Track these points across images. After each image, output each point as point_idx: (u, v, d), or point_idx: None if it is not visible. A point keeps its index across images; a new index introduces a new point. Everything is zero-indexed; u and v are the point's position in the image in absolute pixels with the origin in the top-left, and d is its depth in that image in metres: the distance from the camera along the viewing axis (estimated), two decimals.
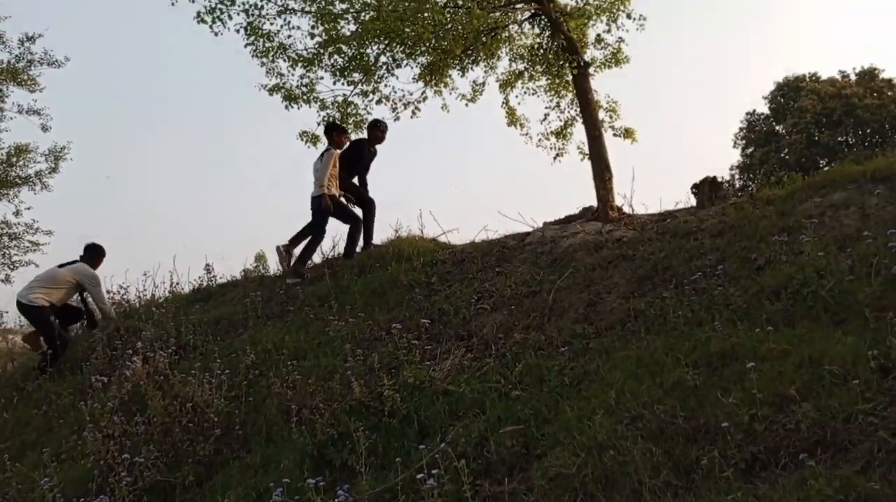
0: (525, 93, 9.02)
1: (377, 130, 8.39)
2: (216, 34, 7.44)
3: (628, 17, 7.64)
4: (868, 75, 31.60)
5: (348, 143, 8.19)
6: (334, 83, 8.20)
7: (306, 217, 7.86)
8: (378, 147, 8.37)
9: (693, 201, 7.28)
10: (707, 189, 6.88)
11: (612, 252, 6.11)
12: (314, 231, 7.81)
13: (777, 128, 32.32)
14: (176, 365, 5.94)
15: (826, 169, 6.14)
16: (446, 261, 7.02)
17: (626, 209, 7.52)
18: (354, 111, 8.48)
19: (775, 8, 60.79)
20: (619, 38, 7.81)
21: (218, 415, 4.99)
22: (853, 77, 31.59)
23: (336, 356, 5.43)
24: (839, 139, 30.77)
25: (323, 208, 7.59)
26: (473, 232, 8.16)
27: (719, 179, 6.94)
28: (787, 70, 45.67)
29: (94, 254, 7.74)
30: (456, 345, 5.34)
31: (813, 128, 30.28)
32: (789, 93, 31.81)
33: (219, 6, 7.29)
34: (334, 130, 7.98)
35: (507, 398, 4.39)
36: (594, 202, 7.74)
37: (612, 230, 6.70)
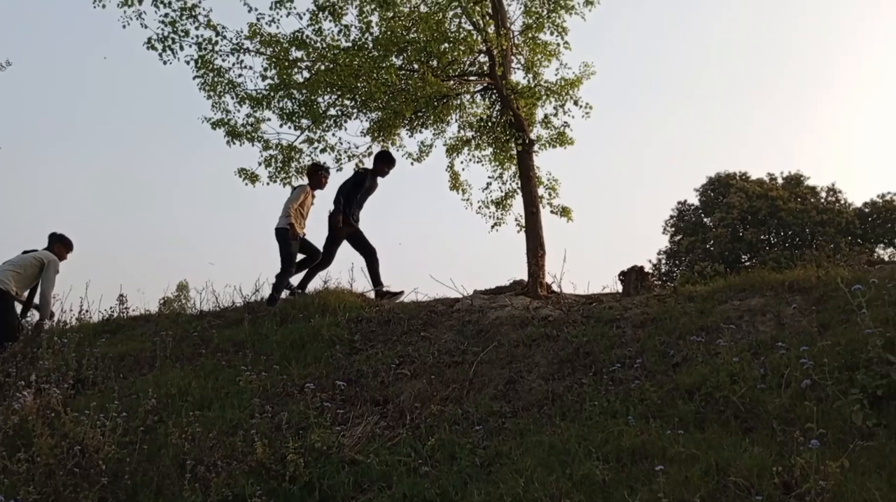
0: (470, 160, 9.13)
1: (384, 164, 8.25)
2: (165, 62, 7.30)
3: (575, 103, 7.90)
4: (794, 181, 33.51)
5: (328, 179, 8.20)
6: (281, 125, 8.12)
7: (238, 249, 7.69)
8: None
9: (620, 287, 7.43)
10: (634, 278, 7.03)
11: (536, 330, 6.13)
12: (285, 261, 7.73)
13: (705, 219, 33.69)
14: (71, 400, 5.57)
15: (748, 271, 6.34)
16: (372, 320, 6.91)
17: (556, 287, 7.60)
18: (298, 156, 8.38)
19: (716, 106, 64.28)
20: (565, 122, 8.04)
21: (107, 462, 4.66)
22: (780, 180, 33.41)
23: (243, 410, 5.19)
24: (762, 237, 32.30)
25: (289, 238, 7.61)
26: (405, 290, 8.08)
27: (646, 269, 7.10)
28: (720, 166, 47.98)
29: (59, 241, 7.55)
30: (370, 411, 5.21)
31: (738, 224, 31.70)
32: (719, 188, 33.35)
33: (171, 35, 7.17)
34: (320, 170, 8.04)
35: (416, 474, 4.26)
36: (525, 276, 7.80)
37: (539, 307, 6.74)
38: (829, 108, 58.30)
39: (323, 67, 6.92)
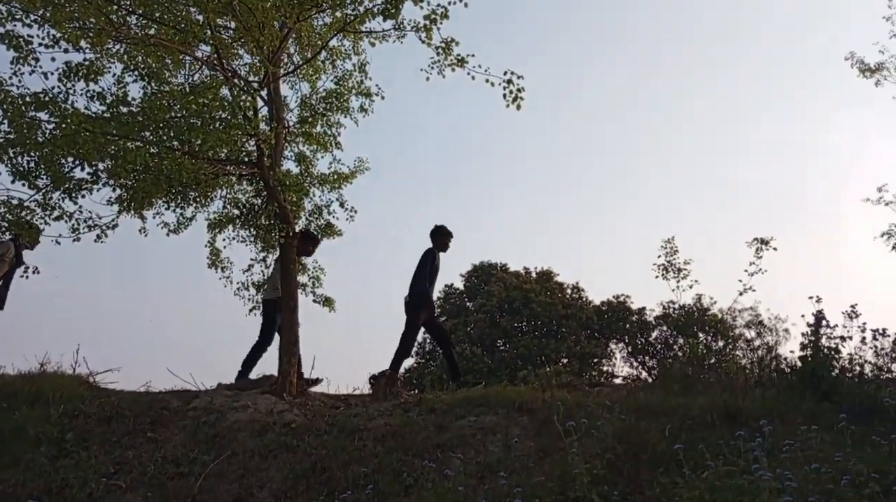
0: (234, 239, 8.76)
1: (445, 237, 8.14)
2: None
3: (341, 205, 7.99)
4: (545, 276, 36.69)
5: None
6: (13, 182, 7.18)
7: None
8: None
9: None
10: (384, 383, 7.08)
11: (276, 438, 5.87)
12: (263, 337, 7.79)
13: (468, 304, 35.50)
14: None
15: (485, 388, 6.66)
16: (91, 416, 6.19)
17: (307, 386, 7.41)
18: (28, 217, 7.43)
19: (483, 199, 69.06)
20: (328, 221, 8.05)
21: None
22: (534, 274, 36.40)
23: None
24: (516, 325, 34.72)
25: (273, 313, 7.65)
26: (141, 378, 7.39)
27: (396, 375, 7.18)
28: (485, 255, 51.27)
29: None
30: None
31: (496, 311, 33.81)
32: (483, 275, 35.52)
33: None
34: (307, 239, 7.93)
35: None
36: (276, 371, 7.51)
37: (283, 411, 6.49)
38: (581, 213, 65.33)
39: (59, 133, 6.27)
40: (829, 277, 44.19)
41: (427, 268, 7.94)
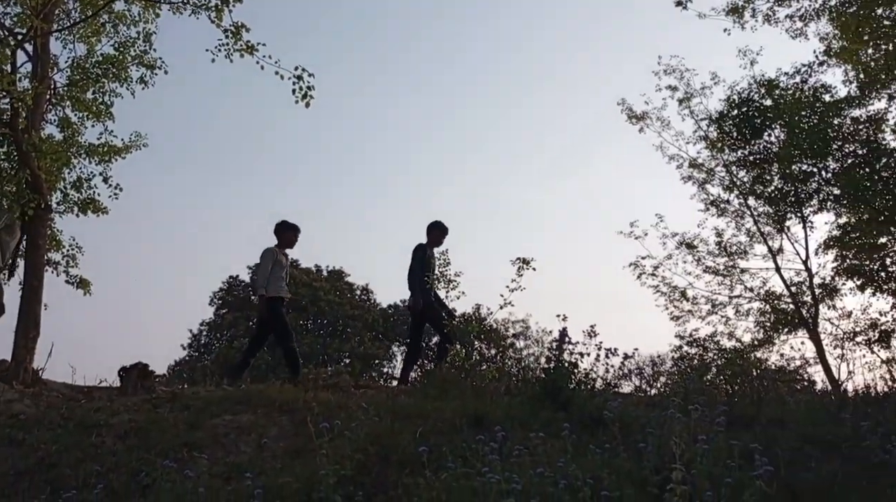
0: None
1: (440, 233, 8.08)
2: None
3: (105, 181, 7.38)
4: (336, 275, 36.61)
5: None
6: None
7: None
8: None
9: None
10: (135, 376, 6.61)
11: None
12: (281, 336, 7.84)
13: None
14: None
15: (249, 386, 6.49)
16: None
17: (47, 375, 6.72)
18: None
19: (280, 189, 67.50)
20: (90, 195, 7.39)
21: None
22: (325, 273, 36.16)
23: None
24: (301, 322, 34.23)
25: (272, 312, 7.51)
26: None
27: (150, 368, 6.74)
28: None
29: None
30: None
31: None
32: None
33: None
34: (289, 228, 7.75)
35: None
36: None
37: (13, 401, 5.82)
38: (378, 216, 66.13)
39: None
40: (591, 298, 48.87)
41: (418, 264, 7.88)
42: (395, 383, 8.88)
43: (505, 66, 72.19)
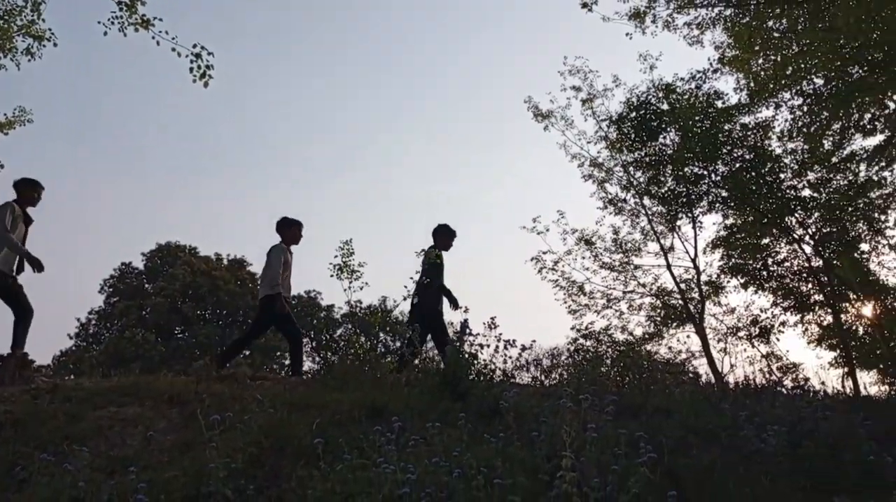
0: None
1: (449, 236, 8.06)
2: None
3: None
4: (238, 264, 35.60)
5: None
6: None
7: None
8: None
9: None
10: (13, 365, 6.20)
11: None
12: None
13: (147, 286, 33.02)
14: None
15: (137, 375, 6.23)
16: None
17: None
18: None
19: (177, 178, 64.95)
20: None
21: None
22: (226, 261, 35.10)
23: None
24: (199, 312, 33.11)
25: (276, 311, 7.25)
26: None
27: (29, 357, 6.35)
28: (173, 236, 48.10)
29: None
30: None
31: (179, 296, 31.92)
32: (167, 257, 33.31)
33: None
34: (292, 224, 7.63)
35: None
36: None
37: None
38: (282, 206, 64.68)
39: None
40: (499, 291, 49.74)
41: (434, 268, 7.79)
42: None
43: (408, 57, 72.18)
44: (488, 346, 6.27)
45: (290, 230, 7.72)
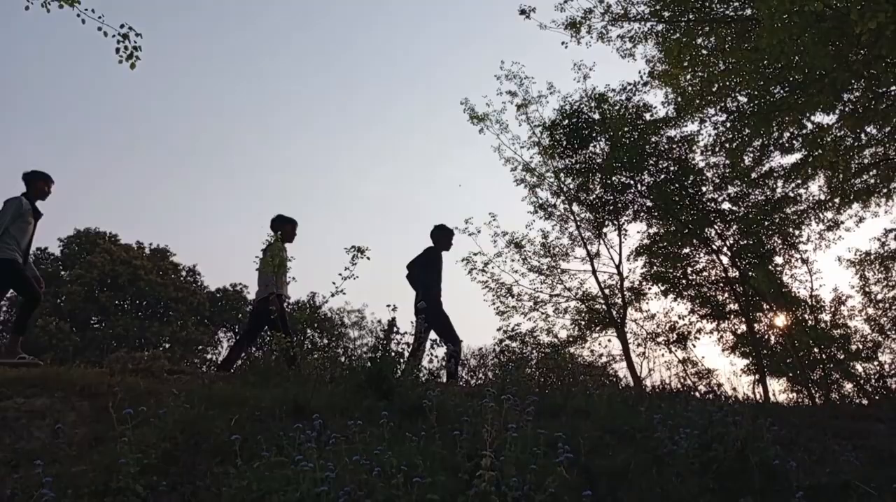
0: None
1: (448, 235, 8.04)
2: None
3: None
4: (161, 254, 34.50)
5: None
6: None
7: None
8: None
9: None
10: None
11: None
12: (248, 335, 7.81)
13: (63, 273, 31.63)
14: None
15: (47, 366, 5.96)
16: None
17: None
18: None
19: (100, 163, 62.49)
20: None
21: None
22: (148, 251, 33.97)
23: None
24: (117, 302, 31.91)
25: (270, 312, 7.10)
26: None
27: None
28: (93, 222, 46.23)
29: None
30: None
31: (96, 285, 30.71)
32: (86, 244, 31.99)
33: None
34: (286, 222, 7.60)
35: None
36: None
37: None
38: (213, 196, 63.06)
39: None
40: None
41: (437, 268, 7.79)
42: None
43: (350, 57, 71.60)
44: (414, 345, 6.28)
45: (285, 227, 7.63)
